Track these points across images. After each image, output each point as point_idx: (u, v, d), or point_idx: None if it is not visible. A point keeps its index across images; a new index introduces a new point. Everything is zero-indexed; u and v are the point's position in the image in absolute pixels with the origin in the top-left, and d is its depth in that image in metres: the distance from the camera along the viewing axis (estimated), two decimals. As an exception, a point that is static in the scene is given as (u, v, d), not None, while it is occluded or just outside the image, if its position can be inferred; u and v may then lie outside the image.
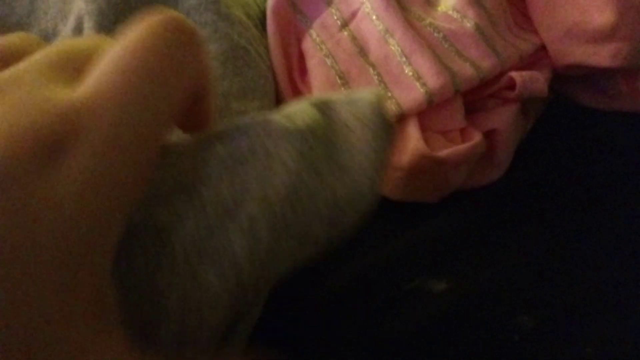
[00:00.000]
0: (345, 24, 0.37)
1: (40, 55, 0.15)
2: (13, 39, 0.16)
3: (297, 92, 0.36)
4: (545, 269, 0.30)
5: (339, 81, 0.35)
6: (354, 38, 0.36)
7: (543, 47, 0.38)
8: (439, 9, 0.37)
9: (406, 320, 0.28)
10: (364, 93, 0.19)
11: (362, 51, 0.35)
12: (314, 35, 0.37)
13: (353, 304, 0.29)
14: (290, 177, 0.16)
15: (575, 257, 0.30)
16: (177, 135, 0.18)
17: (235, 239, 0.16)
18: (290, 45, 0.38)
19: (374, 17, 0.35)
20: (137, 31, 0.15)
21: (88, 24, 0.33)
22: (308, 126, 0.17)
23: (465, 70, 0.33)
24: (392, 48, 0.34)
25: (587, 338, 0.26)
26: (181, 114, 0.16)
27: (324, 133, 0.17)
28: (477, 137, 0.33)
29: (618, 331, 0.27)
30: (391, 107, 0.33)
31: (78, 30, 0.34)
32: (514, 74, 0.34)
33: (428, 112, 0.33)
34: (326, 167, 0.17)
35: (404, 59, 0.34)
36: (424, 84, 0.33)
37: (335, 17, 0.37)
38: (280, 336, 0.28)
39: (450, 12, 0.36)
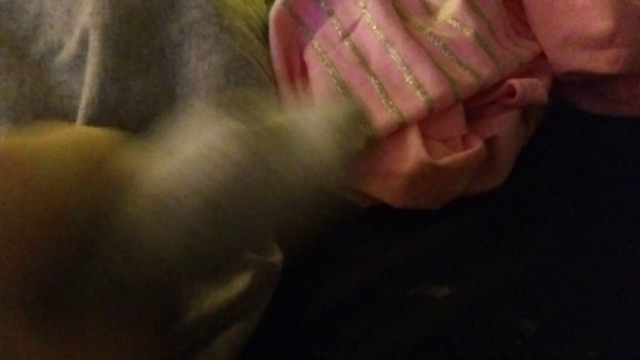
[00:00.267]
0: (346, 34, 0.37)
1: None
2: None
3: (299, 102, 0.37)
4: (547, 275, 0.30)
5: (340, 90, 0.35)
6: (355, 48, 0.36)
7: (542, 54, 0.38)
8: (439, 18, 0.37)
9: (409, 326, 0.28)
10: (342, 103, 0.19)
11: (363, 61, 0.36)
12: (316, 45, 0.37)
13: (356, 310, 0.29)
14: (238, 170, 0.17)
15: (576, 263, 0.30)
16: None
17: (173, 233, 0.17)
18: (292, 55, 0.38)
19: (375, 27, 0.36)
20: None
21: (93, 37, 0.34)
22: (264, 125, 0.18)
23: (465, 78, 0.34)
24: (393, 57, 0.35)
25: (589, 342, 0.27)
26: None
27: (279, 131, 0.18)
28: (478, 144, 0.33)
29: (620, 336, 0.27)
30: (392, 116, 0.33)
31: (83, 43, 0.34)
32: (513, 82, 0.34)
33: (429, 120, 0.33)
34: (279, 161, 0.17)
35: (404, 68, 0.34)
36: (424, 93, 0.33)
37: (337, 28, 0.38)
38: (284, 342, 0.28)
39: (449, 21, 0.36)
